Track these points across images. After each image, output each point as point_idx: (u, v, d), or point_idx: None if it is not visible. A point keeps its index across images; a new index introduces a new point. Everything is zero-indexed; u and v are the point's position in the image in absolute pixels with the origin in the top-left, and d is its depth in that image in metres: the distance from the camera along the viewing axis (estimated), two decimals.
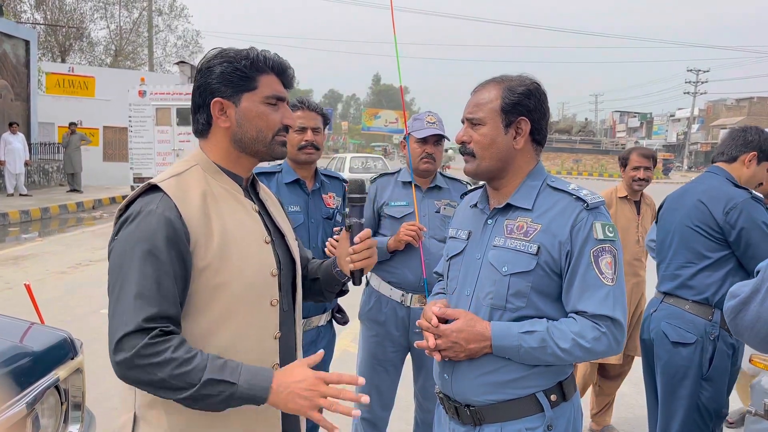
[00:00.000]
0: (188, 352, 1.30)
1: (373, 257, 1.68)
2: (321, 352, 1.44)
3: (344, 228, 1.72)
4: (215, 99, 1.48)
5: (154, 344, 1.28)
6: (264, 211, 1.61)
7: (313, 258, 1.87)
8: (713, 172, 2.76)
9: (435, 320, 1.68)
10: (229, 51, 1.50)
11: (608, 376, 3.94)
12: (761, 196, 2.62)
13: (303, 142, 2.69)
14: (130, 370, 1.28)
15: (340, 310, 2.83)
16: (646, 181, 3.84)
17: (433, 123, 2.94)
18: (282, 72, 1.54)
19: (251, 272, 1.47)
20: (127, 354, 1.27)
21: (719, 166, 2.76)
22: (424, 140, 2.91)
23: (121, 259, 1.35)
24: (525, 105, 1.70)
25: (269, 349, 1.51)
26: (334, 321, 2.86)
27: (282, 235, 1.63)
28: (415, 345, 1.79)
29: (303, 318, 2.60)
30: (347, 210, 1.72)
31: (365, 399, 1.37)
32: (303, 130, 2.70)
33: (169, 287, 1.34)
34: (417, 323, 1.76)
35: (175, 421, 1.40)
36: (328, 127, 2.85)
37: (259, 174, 2.72)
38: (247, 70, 1.48)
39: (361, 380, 1.39)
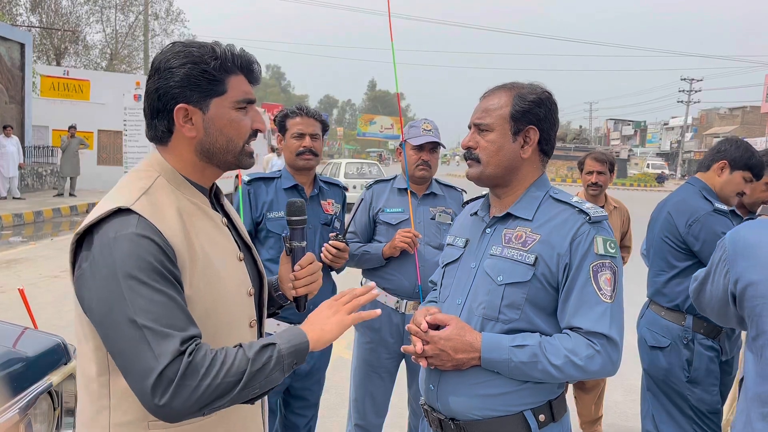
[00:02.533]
0: (221, 349, 1.21)
1: (317, 282, 1.60)
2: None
3: (285, 251, 1.61)
4: (179, 105, 1.31)
5: (194, 359, 1.15)
6: (231, 224, 1.48)
7: None
8: (690, 183, 2.85)
9: (425, 325, 1.61)
10: (191, 49, 1.32)
11: (584, 389, 3.92)
12: (725, 208, 2.67)
13: (301, 148, 2.69)
14: (184, 402, 1.14)
15: None
16: (599, 185, 3.81)
17: (429, 130, 2.94)
18: (249, 69, 1.40)
19: (232, 295, 1.36)
20: (172, 387, 1.13)
21: (696, 177, 2.85)
22: (420, 147, 2.92)
23: (114, 295, 1.16)
24: (535, 113, 1.66)
25: None
26: None
27: (249, 249, 1.52)
28: (402, 349, 1.74)
29: (298, 323, 2.60)
30: (287, 233, 1.61)
31: (372, 284, 1.43)
32: (301, 136, 2.70)
33: (184, 307, 1.20)
34: (407, 328, 1.70)
35: None
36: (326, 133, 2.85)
37: (258, 179, 2.73)
38: (216, 72, 1.32)
39: (372, 284, 1.45)
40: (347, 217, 2.96)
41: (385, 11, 2.62)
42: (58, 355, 2.24)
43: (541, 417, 1.59)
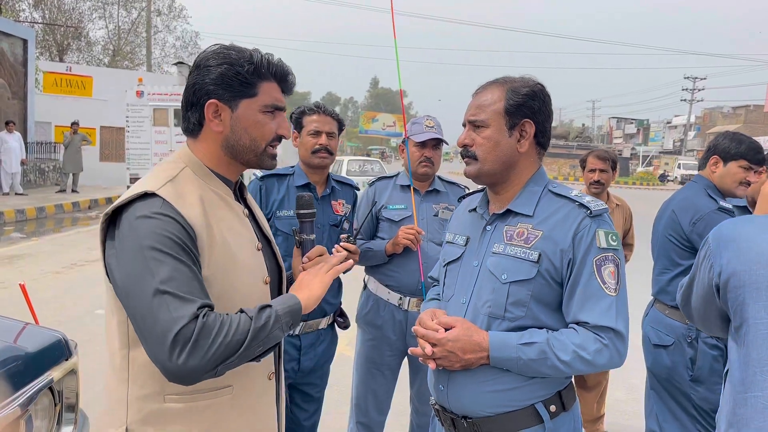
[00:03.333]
0: (227, 314, 1.30)
1: None
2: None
3: (296, 244, 1.67)
4: (210, 100, 1.40)
5: (207, 321, 1.24)
6: (251, 216, 1.56)
7: None
8: (695, 181, 2.85)
9: (441, 330, 1.60)
10: (230, 51, 1.41)
11: (585, 387, 3.91)
12: (730, 206, 2.66)
13: (317, 146, 2.66)
14: (200, 361, 1.22)
15: (342, 314, 2.80)
16: (601, 183, 3.79)
17: (432, 127, 2.94)
18: (283, 79, 1.48)
19: (247, 281, 1.43)
20: (188, 346, 1.20)
21: (700, 175, 2.85)
22: (422, 144, 2.91)
23: (140, 265, 1.25)
24: (530, 106, 1.65)
25: (266, 359, 1.49)
26: (335, 325, 2.83)
27: (268, 241, 1.59)
28: (410, 351, 1.74)
29: (304, 320, 2.60)
30: (297, 227, 1.68)
31: (344, 253, 1.61)
32: (317, 133, 2.67)
33: (200, 279, 1.29)
34: (412, 330, 1.70)
35: None
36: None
37: (272, 176, 2.70)
38: (249, 76, 1.41)
39: (344, 253, 1.61)
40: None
41: (388, 8, 2.60)
42: (59, 351, 2.23)
43: (552, 408, 1.61)
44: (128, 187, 16.64)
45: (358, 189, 2.97)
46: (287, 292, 1.63)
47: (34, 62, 17.97)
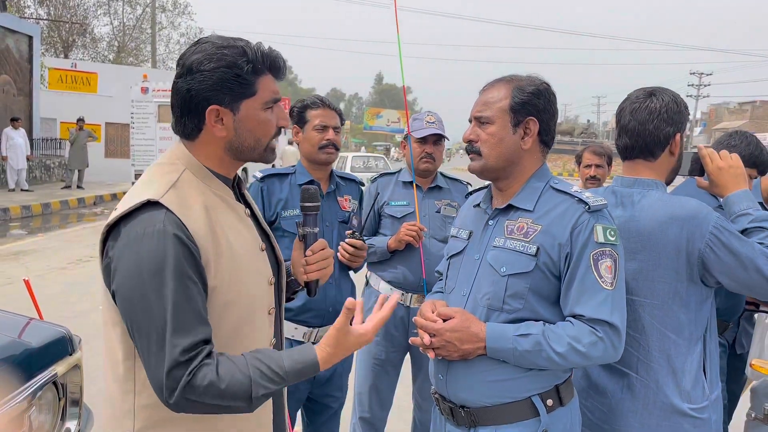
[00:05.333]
0: (229, 371, 1.25)
1: (328, 269, 1.64)
2: (353, 301, 1.40)
3: (298, 237, 1.67)
4: (212, 107, 1.35)
5: (194, 377, 1.22)
6: (252, 214, 1.53)
7: None
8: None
9: (440, 321, 1.64)
10: (224, 51, 1.35)
11: None
12: None
13: (324, 141, 2.55)
14: (186, 407, 1.24)
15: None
16: (597, 178, 3.76)
17: (433, 123, 2.93)
18: (276, 67, 1.44)
19: (253, 284, 1.42)
20: (177, 392, 1.22)
21: None
22: (423, 140, 2.91)
23: (139, 292, 1.24)
24: (534, 105, 1.68)
25: None
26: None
27: (269, 239, 1.57)
28: (410, 341, 1.78)
29: (319, 326, 2.54)
30: (300, 219, 1.68)
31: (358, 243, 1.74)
32: (325, 128, 2.56)
33: (198, 308, 1.26)
34: (413, 320, 1.74)
35: None
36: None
37: (272, 176, 2.60)
38: (248, 76, 1.36)
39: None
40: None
41: (391, 4, 2.59)
42: (63, 346, 2.25)
43: (549, 401, 1.64)
44: (133, 183, 16.69)
45: (363, 185, 2.93)
46: (287, 285, 1.64)
47: (39, 59, 18.01)
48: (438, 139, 2.93)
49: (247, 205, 1.53)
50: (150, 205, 1.28)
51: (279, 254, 1.60)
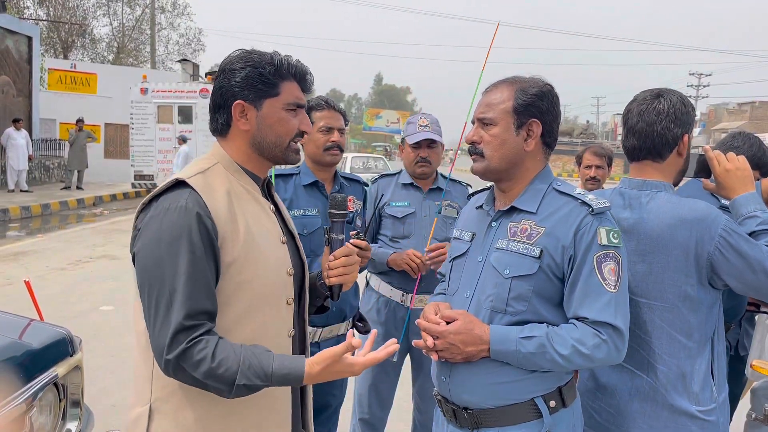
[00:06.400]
0: (223, 353, 1.34)
1: (352, 274, 1.71)
2: (355, 341, 1.45)
3: (325, 242, 1.74)
4: (237, 101, 1.49)
5: (193, 347, 1.33)
6: (278, 212, 1.64)
7: None
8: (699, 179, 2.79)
9: (443, 323, 1.65)
10: (253, 55, 1.51)
11: None
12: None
13: (329, 143, 2.57)
14: (176, 371, 1.35)
15: (361, 318, 2.72)
16: (597, 179, 3.74)
17: (426, 126, 2.90)
18: (302, 78, 1.57)
19: (271, 271, 1.51)
20: (174, 355, 1.33)
21: None
22: (417, 144, 2.89)
23: (155, 257, 1.37)
24: (537, 107, 1.68)
25: (284, 347, 1.55)
26: (355, 330, 2.73)
27: (293, 236, 1.66)
28: (413, 343, 1.77)
29: (323, 326, 2.55)
30: (328, 225, 1.74)
31: (363, 244, 1.81)
32: (329, 130, 2.58)
33: (207, 282, 1.38)
34: (416, 323, 1.74)
35: (191, 414, 1.43)
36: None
37: (277, 176, 2.60)
38: (271, 77, 1.50)
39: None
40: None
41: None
42: (63, 348, 2.24)
43: (552, 403, 1.64)
44: (132, 184, 16.70)
45: (367, 185, 2.92)
46: (313, 292, 1.75)
47: (39, 59, 18.01)
48: (432, 142, 2.91)
49: (274, 203, 1.65)
50: (179, 184, 1.44)
51: (302, 254, 1.68)
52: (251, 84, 1.49)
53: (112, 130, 20.80)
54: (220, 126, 1.54)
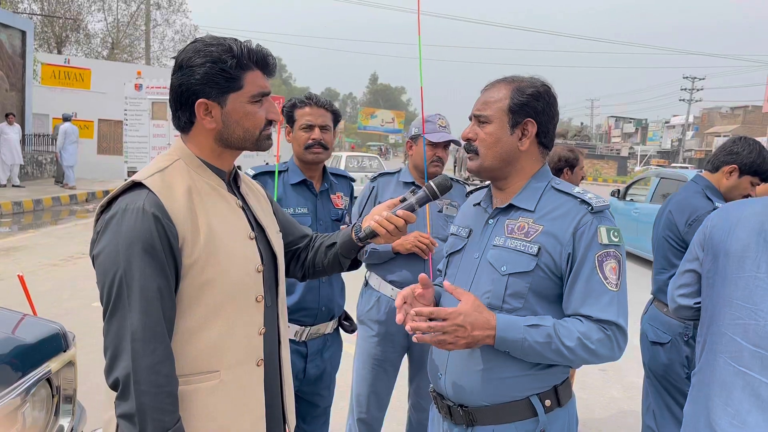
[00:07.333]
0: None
1: (390, 234, 1.67)
2: None
3: (400, 198, 1.72)
4: (199, 100, 1.45)
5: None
6: (246, 206, 1.60)
7: (317, 234, 1.89)
8: (694, 181, 2.85)
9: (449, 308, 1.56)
10: (211, 48, 1.44)
11: None
12: None
13: (310, 141, 2.53)
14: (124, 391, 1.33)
15: (347, 317, 2.72)
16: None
17: (445, 127, 2.91)
18: (264, 64, 1.51)
19: (237, 269, 1.47)
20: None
21: (701, 175, 2.84)
22: (435, 144, 2.89)
23: (114, 261, 1.35)
24: (533, 107, 1.69)
25: (255, 345, 1.52)
26: (341, 329, 2.75)
27: (263, 230, 1.62)
28: (414, 339, 1.64)
29: (310, 326, 2.53)
30: (414, 189, 1.72)
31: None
32: (310, 127, 2.54)
33: (167, 287, 1.37)
34: (415, 310, 1.59)
35: None
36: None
37: (264, 174, 2.57)
38: (233, 70, 1.44)
39: None
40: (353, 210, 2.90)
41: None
42: (57, 343, 2.23)
43: (547, 402, 1.63)
44: (125, 180, 16.59)
45: (354, 180, 2.91)
46: (346, 238, 1.74)
47: (32, 54, 17.89)
48: (448, 143, 2.91)
49: (242, 198, 1.60)
50: (136, 186, 1.41)
51: (274, 246, 1.64)
52: (213, 81, 1.43)
53: (106, 125, 20.67)
54: (183, 123, 1.50)
